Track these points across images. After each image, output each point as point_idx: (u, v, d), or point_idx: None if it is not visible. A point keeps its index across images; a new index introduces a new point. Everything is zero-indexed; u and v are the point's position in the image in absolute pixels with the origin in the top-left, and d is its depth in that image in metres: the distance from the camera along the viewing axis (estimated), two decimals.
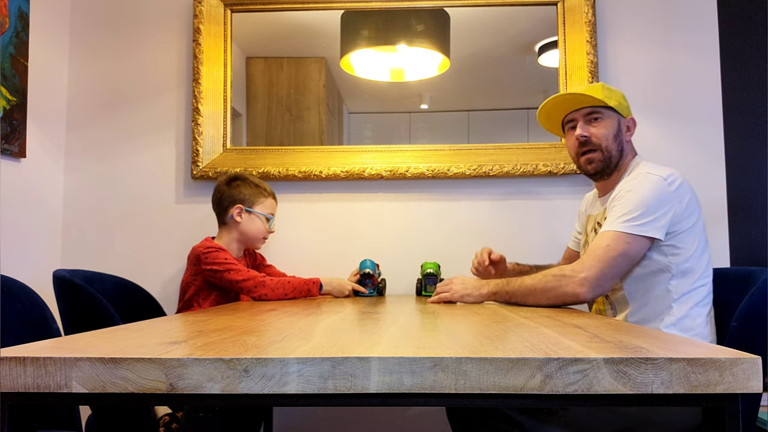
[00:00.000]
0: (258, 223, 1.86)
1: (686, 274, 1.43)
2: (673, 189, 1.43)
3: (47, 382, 0.69)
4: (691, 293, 1.43)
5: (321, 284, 1.81)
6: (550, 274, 1.43)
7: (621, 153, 1.57)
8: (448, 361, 0.68)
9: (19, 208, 1.96)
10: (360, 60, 2.24)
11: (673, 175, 1.47)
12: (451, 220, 2.15)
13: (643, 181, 1.46)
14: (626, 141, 1.59)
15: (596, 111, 1.57)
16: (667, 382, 0.67)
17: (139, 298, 1.88)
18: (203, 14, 2.17)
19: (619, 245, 1.39)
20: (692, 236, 1.44)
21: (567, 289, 1.39)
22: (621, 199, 1.46)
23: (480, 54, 2.20)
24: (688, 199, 1.44)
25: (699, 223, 1.47)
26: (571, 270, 1.41)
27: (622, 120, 1.59)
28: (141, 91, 2.23)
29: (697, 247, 1.44)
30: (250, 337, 0.85)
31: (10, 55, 1.88)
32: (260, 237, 1.88)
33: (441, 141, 2.17)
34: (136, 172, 2.21)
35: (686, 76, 2.14)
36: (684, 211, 1.43)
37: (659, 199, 1.42)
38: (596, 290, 1.39)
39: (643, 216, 1.40)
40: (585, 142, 1.57)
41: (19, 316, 1.30)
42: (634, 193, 1.44)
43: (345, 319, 1.14)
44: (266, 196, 1.89)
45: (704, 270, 1.46)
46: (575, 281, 1.38)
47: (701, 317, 1.43)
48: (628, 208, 1.42)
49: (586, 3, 2.11)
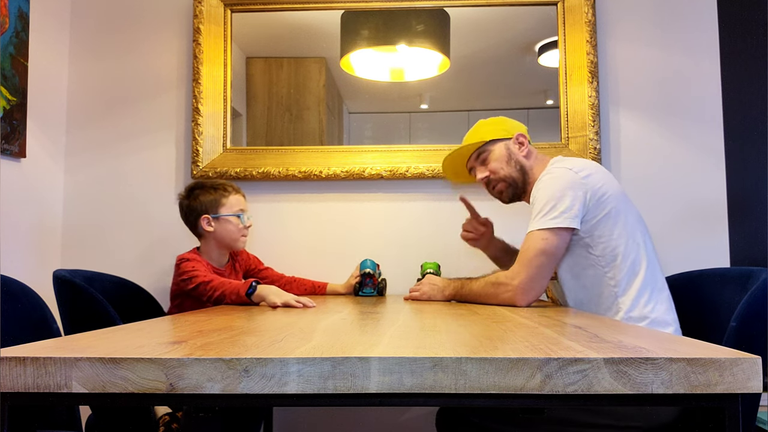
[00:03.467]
0: (229, 226, 1.80)
1: (618, 263, 1.43)
2: (581, 177, 1.45)
3: (47, 382, 0.69)
4: (632, 281, 1.43)
5: (255, 287, 1.57)
6: (489, 281, 1.50)
7: (522, 170, 1.63)
8: (448, 361, 0.68)
9: (19, 208, 1.96)
10: (360, 60, 2.25)
11: (581, 165, 1.49)
12: (451, 220, 2.15)
13: (551, 177, 1.49)
14: (522, 156, 1.63)
15: (482, 151, 1.66)
16: (667, 382, 0.67)
17: (139, 298, 1.88)
18: (203, 14, 2.18)
19: (536, 244, 1.44)
20: (610, 222, 1.44)
21: (503, 297, 1.46)
22: (534, 199, 1.50)
23: (480, 54, 2.20)
24: (600, 186, 1.45)
25: (619, 211, 1.46)
26: (504, 277, 1.47)
27: (508, 143, 1.64)
28: (141, 91, 2.23)
29: (621, 234, 1.44)
30: (250, 337, 0.85)
31: (10, 55, 1.88)
32: (237, 237, 1.81)
33: (441, 141, 2.17)
34: (136, 172, 2.21)
35: (686, 76, 2.14)
36: (597, 197, 1.44)
37: (566, 189, 1.44)
38: (529, 294, 1.44)
39: (554, 209, 1.43)
40: (489, 182, 1.66)
41: (19, 316, 1.30)
42: (543, 189, 1.48)
43: (345, 319, 1.14)
44: (227, 196, 1.81)
45: (638, 257, 1.44)
46: (509, 289, 1.44)
47: (653, 303, 1.43)
48: (539, 206, 1.46)
49: (586, 3, 2.11)
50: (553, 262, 1.45)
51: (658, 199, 2.11)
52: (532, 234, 1.45)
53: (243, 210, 1.84)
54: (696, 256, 2.04)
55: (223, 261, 1.89)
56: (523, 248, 1.47)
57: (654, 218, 2.09)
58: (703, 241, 2.08)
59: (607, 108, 2.14)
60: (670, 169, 2.12)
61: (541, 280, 1.44)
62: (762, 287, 1.26)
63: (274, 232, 2.17)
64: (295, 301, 1.49)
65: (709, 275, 1.60)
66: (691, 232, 2.09)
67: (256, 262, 2.02)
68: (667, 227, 2.09)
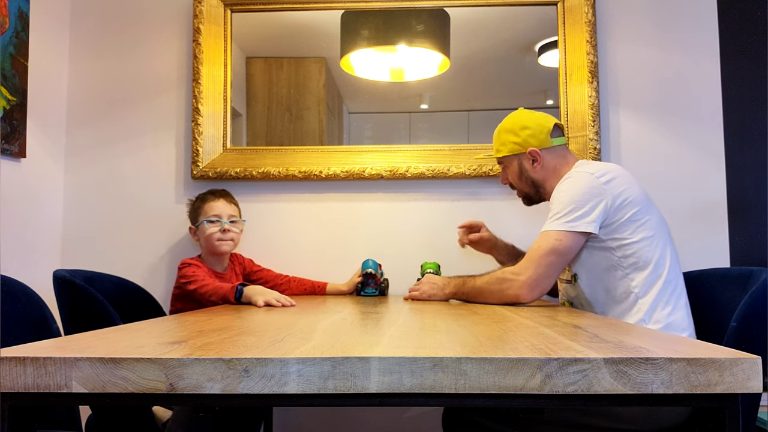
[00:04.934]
0: (205, 232, 1.86)
1: (641, 266, 1.43)
2: (603, 182, 1.45)
3: (47, 382, 0.69)
4: (654, 284, 1.42)
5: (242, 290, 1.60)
6: (495, 276, 1.51)
7: (535, 186, 1.64)
8: (448, 361, 0.68)
9: (19, 208, 1.96)
10: (360, 60, 2.24)
11: (603, 169, 1.49)
12: (451, 220, 2.14)
13: (572, 180, 1.50)
14: (536, 171, 1.63)
15: (500, 161, 1.70)
16: (667, 382, 0.67)
17: (139, 298, 1.89)
18: (203, 14, 2.18)
19: (548, 243, 1.44)
20: (633, 226, 1.44)
21: (509, 292, 1.46)
22: (553, 201, 1.52)
23: (480, 54, 2.20)
24: (621, 190, 1.45)
25: (642, 213, 1.46)
26: (511, 273, 1.48)
27: (522, 158, 1.64)
28: (141, 91, 2.23)
29: (644, 237, 1.44)
30: (250, 337, 0.85)
31: (10, 55, 1.88)
32: (213, 241, 1.85)
33: (441, 141, 2.17)
34: (136, 172, 2.21)
35: (686, 76, 2.14)
36: (618, 202, 1.44)
37: (587, 194, 1.45)
38: (534, 290, 1.45)
39: (572, 212, 1.44)
40: (510, 185, 1.72)
41: (19, 316, 1.30)
42: (563, 192, 1.49)
43: (345, 319, 1.14)
44: (202, 204, 1.89)
45: (661, 260, 1.44)
46: (515, 285, 1.45)
47: (671, 307, 1.42)
48: (558, 207, 1.47)
49: (586, 3, 2.11)
50: (563, 263, 1.45)
51: (658, 199, 2.09)
52: (547, 233, 1.46)
53: (217, 215, 1.86)
54: (696, 256, 2.04)
55: (223, 266, 1.93)
56: (533, 246, 1.47)
57: None
58: (703, 241, 2.08)
59: (607, 108, 2.14)
60: (670, 169, 2.12)
61: (548, 278, 1.44)
62: (762, 287, 1.26)
63: (274, 232, 2.17)
64: (275, 300, 1.51)
65: (709, 275, 1.60)
66: (691, 232, 2.09)
67: (251, 264, 2.04)
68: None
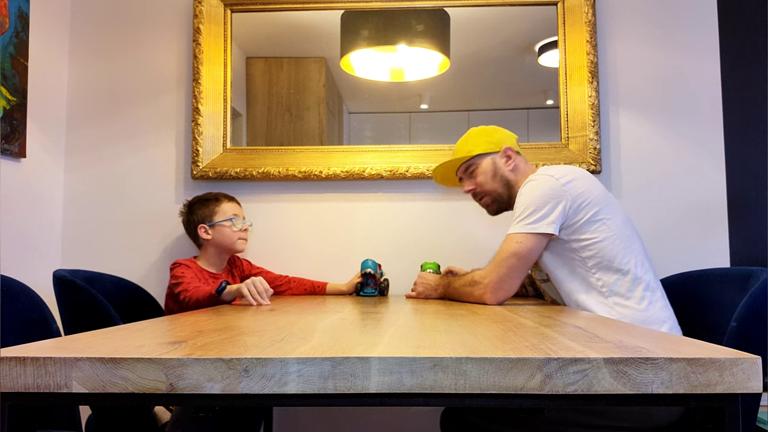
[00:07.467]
0: (225, 230, 1.91)
1: (605, 265, 1.45)
2: (562, 183, 1.48)
3: (47, 382, 0.69)
4: (620, 282, 1.44)
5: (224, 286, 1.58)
6: (467, 279, 1.57)
7: (508, 185, 1.66)
8: (448, 361, 0.68)
9: (19, 208, 1.96)
10: (360, 60, 2.24)
11: (563, 172, 1.51)
12: (451, 220, 2.15)
13: (533, 183, 1.53)
14: (509, 170, 1.66)
15: (470, 164, 1.69)
16: (667, 382, 0.67)
17: (139, 298, 1.89)
18: (203, 14, 2.17)
19: (510, 247, 1.48)
20: (593, 226, 1.46)
21: (476, 294, 1.52)
22: (516, 204, 1.55)
23: (480, 54, 2.20)
24: (581, 191, 1.47)
25: (602, 213, 1.47)
26: (479, 276, 1.53)
27: (495, 157, 1.67)
28: (141, 91, 2.23)
29: (606, 237, 1.46)
30: (250, 337, 0.85)
31: (10, 55, 1.88)
32: (234, 239, 1.91)
33: (441, 141, 2.17)
34: (136, 172, 2.21)
35: (686, 76, 2.14)
36: (578, 203, 1.46)
37: (547, 195, 1.47)
38: (498, 293, 1.48)
39: (532, 214, 1.47)
40: (475, 194, 1.71)
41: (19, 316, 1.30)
42: (525, 195, 1.52)
43: (345, 319, 1.14)
44: (219, 204, 1.93)
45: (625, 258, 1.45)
46: (480, 288, 1.50)
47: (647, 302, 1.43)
48: (519, 210, 1.51)
49: (586, 3, 2.11)
50: (525, 264, 1.48)
51: (658, 198, 2.11)
52: (510, 236, 1.50)
53: (236, 215, 1.94)
54: (696, 256, 2.04)
55: (222, 266, 1.95)
56: (498, 250, 1.52)
57: (654, 218, 2.09)
58: (703, 241, 2.08)
59: (607, 108, 2.14)
60: (670, 169, 2.12)
61: (511, 280, 1.48)
62: (762, 287, 1.26)
63: (274, 232, 2.17)
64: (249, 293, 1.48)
65: (709, 275, 1.60)
66: (691, 232, 2.09)
67: (249, 266, 2.06)
68: (667, 227, 2.09)
